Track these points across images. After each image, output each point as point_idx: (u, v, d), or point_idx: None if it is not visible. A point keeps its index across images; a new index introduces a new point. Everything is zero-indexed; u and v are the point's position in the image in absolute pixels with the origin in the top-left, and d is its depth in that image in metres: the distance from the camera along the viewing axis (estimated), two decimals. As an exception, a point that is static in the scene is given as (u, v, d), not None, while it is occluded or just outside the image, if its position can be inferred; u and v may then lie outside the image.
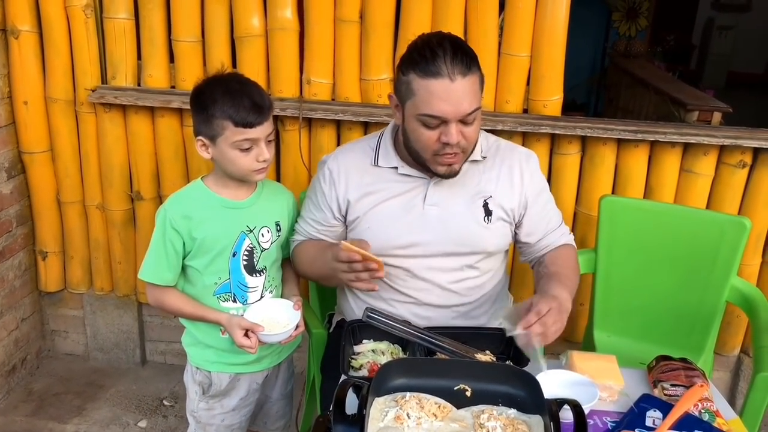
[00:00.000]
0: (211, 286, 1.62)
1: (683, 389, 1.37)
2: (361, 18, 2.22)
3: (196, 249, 1.59)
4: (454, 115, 1.43)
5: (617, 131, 2.18)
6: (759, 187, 2.23)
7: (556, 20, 2.14)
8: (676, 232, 2.06)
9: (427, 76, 1.41)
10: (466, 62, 1.42)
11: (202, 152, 1.56)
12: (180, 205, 1.59)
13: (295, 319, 1.60)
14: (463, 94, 1.42)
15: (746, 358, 2.46)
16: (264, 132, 1.52)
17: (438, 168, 1.53)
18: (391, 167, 1.62)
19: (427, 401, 1.23)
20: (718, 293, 2.02)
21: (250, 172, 1.55)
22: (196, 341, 1.69)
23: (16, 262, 2.56)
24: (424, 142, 1.49)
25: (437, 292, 1.63)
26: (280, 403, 1.86)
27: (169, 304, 1.63)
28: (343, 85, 2.30)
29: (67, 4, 2.31)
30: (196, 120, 1.55)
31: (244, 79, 1.58)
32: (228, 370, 1.68)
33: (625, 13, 5.80)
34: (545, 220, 1.70)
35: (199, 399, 1.71)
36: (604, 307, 2.15)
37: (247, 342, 1.55)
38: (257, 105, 1.50)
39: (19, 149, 2.50)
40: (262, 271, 1.66)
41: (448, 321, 1.64)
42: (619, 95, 4.70)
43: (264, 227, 1.64)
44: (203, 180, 1.63)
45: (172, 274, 1.60)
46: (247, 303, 1.64)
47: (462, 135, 1.46)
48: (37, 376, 2.69)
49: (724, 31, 7.61)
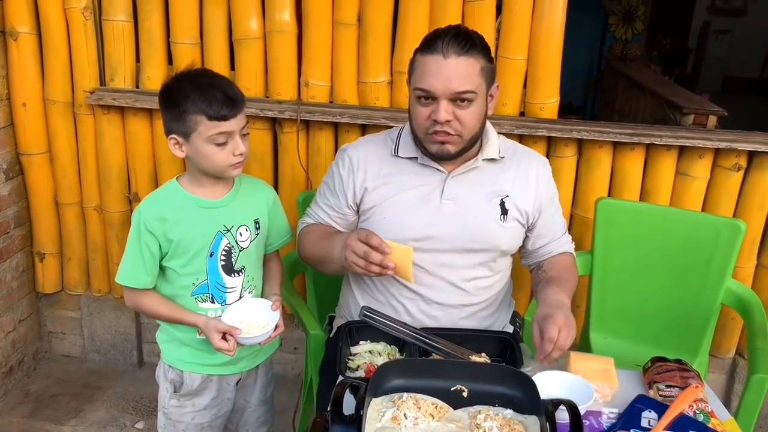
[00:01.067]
0: (188, 286, 1.59)
1: (678, 390, 1.37)
2: (359, 21, 2.23)
3: (172, 251, 1.56)
4: (442, 91, 1.46)
5: (613, 134, 2.19)
6: (754, 190, 2.24)
7: (553, 23, 2.16)
8: (671, 234, 2.08)
9: (425, 52, 1.48)
10: (465, 45, 1.46)
11: (175, 151, 1.52)
12: (154, 207, 1.55)
13: (273, 320, 1.57)
14: (454, 72, 1.45)
15: (741, 360, 2.47)
16: (238, 125, 1.50)
17: (430, 146, 1.55)
18: (410, 158, 1.63)
19: (424, 402, 1.23)
20: (713, 295, 2.03)
21: (226, 167, 1.52)
22: (172, 338, 1.66)
23: (14, 263, 2.56)
24: (417, 119, 1.53)
25: (448, 289, 1.63)
26: (260, 409, 1.82)
27: (146, 307, 1.60)
28: (341, 88, 2.31)
29: (66, 6, 2.32)
30: (168, 118, 1.51)
31: (213, 74, 1.55)
32: (201, 371, 1.65)
33: (622, 17, 5.82)
34: (554, 228, 1.73)
35: (170, 396, 1.68)
36: (600, 308, 2.16)
37: (225, 345, 1.52)
38: (230, 97, 1.48)
39: (17, 151, 2.50)
40: (240, 271, 1.63)
41: (455, 321, 1.64)
42: (615, 98, 4.72)
43: (242, 226, 1.61)
44: (178, 180, 1.60)
45: (149, 277, 1.57)
46: (225, 303, 1.62)
47: (455, 117, 1.49)
48: (34, 378, 2.69)
49: (720, 35, 7.65)
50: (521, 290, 2.40)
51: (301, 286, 2.32)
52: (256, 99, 2.31)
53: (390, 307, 1.64)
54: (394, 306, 1.64)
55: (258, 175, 2.37)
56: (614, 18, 5.83)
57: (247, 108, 1.55)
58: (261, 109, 2.26)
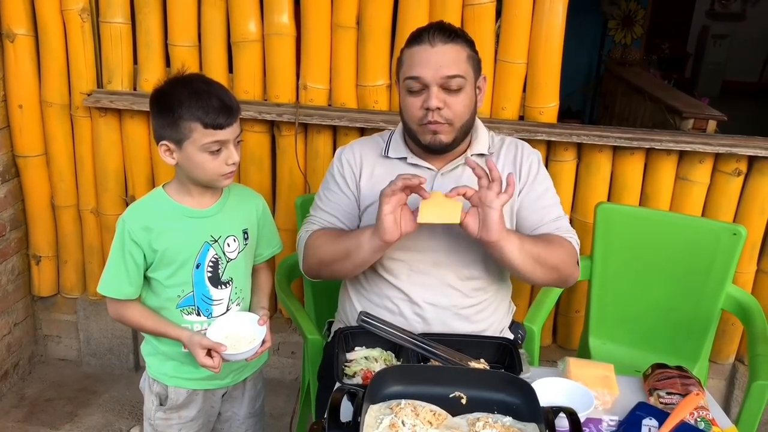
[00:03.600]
0: (174, 298, 1.54)
1: (679, 397, 1.36)
2: (357, 24, 2.22)
3: (157, 261, 1.51)
4: (433, 77, 1.48)
5: (613, 138, 2.19)
6: (754, 195, 2.24)
7: (553, 28, 2.15)
8: (671, 239, 2.07)
9: (412, 44, 1.53)
10: (450, 34, 1.52)
11: (166, 158, 1.47)
12: (139, 216, 1.51)
13: (260, 335, 1.53)
14: (443, 57, 1.49)
15: (741, 366, 2.46)
16: (233, 133, 1.46)
17: (424, 137, 1.55)
18: (400, 158, 1.64)
19: (422, 408, 1.22)
20: (713, 301, 2.03)
21: (218, 176, 1.48)
22: (156, 351, 1.62)
23: (9, 266, 2.55)
24: (410, 110, 1.54)
25: (441, 289, 1.61)
26: (248, 421, 1.77)
27: (129, 319, 1.56)
28: (339, 91, 2.30)
29: (64, 7, 2.31)
30: (159, 124, 1.46)
31: (208, 80, 1.51)
32: (186, 386, 1.62)
33: (621, 21, 5.82)
34: (539, 214, 1.63)
35: (156, 409, 1.65)
36: (600, 314, 2.15)
37: (210, 362, 1.48)
38: (226, 105, 1.44)
39: (13, 153, 2.49)
40: (227, 283, 1.58)
41: (449, 323, 1.61)
42: (614, 103, 4.71)
43: (230, 236, 1.57)
44: (164, 188, 1.55)
45: (132, 287, 1.52)
46: (211, 316, 1.57)
47: (446, 104, 1.50)
48: (29, 382, 2.67)
49: (719, 40, 7.66)
50: (520, 297, 2.39)
51: (299, 290, 2.30)
52: (254, 102, 2.30)
53: (385, 309, 1.62)
54: (388, 308, 1.62)
55: (256, 178, 2.37)
56: (613, 22, 5.83)
57: (245, 111, 1.54)
58: (259, 112, 2.25)
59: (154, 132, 1.50)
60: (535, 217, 1.63)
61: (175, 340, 1.55)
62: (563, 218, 1.67)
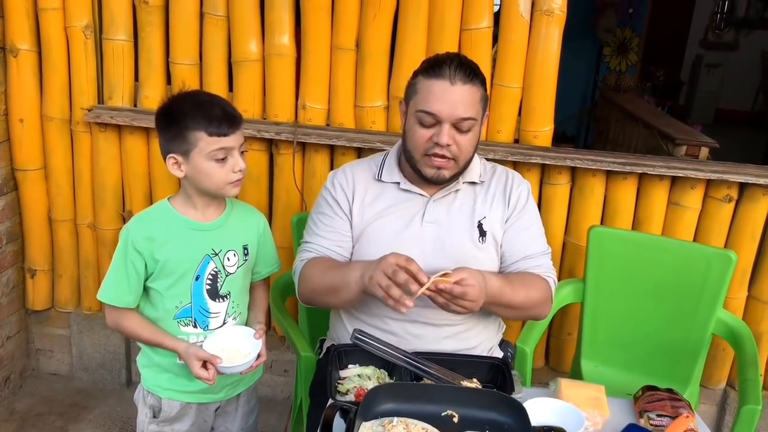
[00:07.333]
0: (171, 309, 1.57)
1: (669, 419, 1.37)
2: (357, 46, 2.26)
3: (158, 271, 1.54)
4: (448, 115, 1.50)
5: (606, 163, 2.21)
6: (745, 221, 2.26)
7: (548, 53, 2.19)
8: (663, 263, 2.09)
9: (431, 76, 1.53)
10: (470, 73, 1.52)
11: (174, 171, 1.51)
12: (143, 226, 1.54)
13: (256, 349, 1.55)
14: (460, 98, 1.51)
15: (732, 392, 2.47)
16: (237, 141, 1.50)
17: (427, 170, 1.57)
18: (393, 182, 1.66)
19: (414, 426, 1.23)
20: (704, 326, 2.04)
21: (226, 184, 1.51)
22: (152, 363, 1.63)
23: (4, 279, 2.55)
24: (416, 140, 1.55)
25: (431, 310, 1.62)
26: None
27: (126, 328, 1.58)
28: (337, 111, 2.33)
29: (67, 24, 2.34)
30: (166, 138, 1.51)
31: (209, 93, 1.57)
32: (180, 398, 1.63)
33: (616, 48, 5.90)
34: (523, 245, 1.66)
35: (149, 421, 1.65)
36: (592, 337, 2.16)
37: (205, 374, 1.50)
38: (229, 114, 1.49)
39: (12, 166, 2.50)
40: (225, 297, 1.61)
41: (439, 341, 1.62)
42: (608, 128, 4.76)
43: (230, 251, 1.60)
44: (170, 200, 1.59)
45: (132, 296, 1.55)
46: (208, 329, 1.59)
47: (455, 141, 1.52)
48: (20, 396, 2.65)
49: (713, 69, 7.75)
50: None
51: (293, 308, 2.31)
52: (253, 120, 2.32)
53: (377, 329, 1.63)
54: (380, 327, 1.63)
55: (253, 195, 2.38)
56: (608, 49, 5.91)
57: (245, 129, 1.57)
58: (258, 131, 2.28)
59: (162, 148, 1.53)
60: (519, 248, 1.66)
61: (172, 350, 1.56)
62: (546, 255, 1.71)
